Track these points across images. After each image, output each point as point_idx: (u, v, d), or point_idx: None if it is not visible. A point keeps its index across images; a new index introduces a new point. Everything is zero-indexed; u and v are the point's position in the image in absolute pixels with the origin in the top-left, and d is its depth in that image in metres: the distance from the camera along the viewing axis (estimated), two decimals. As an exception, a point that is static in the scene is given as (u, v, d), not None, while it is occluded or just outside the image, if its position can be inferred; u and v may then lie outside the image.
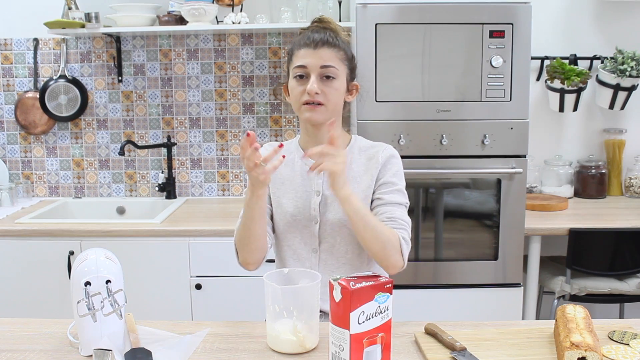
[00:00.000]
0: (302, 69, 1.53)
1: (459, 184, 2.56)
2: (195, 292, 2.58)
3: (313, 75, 1.52)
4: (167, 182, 3.12)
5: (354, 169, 1.61)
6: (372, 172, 1.60)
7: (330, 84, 1.53)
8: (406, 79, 2.45)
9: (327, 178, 1.49)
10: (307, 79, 1.53)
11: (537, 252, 2.61)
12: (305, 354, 1.29)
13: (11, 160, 3.21)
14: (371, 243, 1.47)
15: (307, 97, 1.52)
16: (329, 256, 1.60)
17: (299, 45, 1.56)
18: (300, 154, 1.65)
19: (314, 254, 1.61)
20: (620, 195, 3.13)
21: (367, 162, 1.61)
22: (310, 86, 1.51)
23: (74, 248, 2.57)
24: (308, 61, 1.52)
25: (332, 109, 1.55)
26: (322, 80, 1.52)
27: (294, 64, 1.55)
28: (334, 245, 1.59)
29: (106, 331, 1.26)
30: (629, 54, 2.87)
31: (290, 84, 1.57)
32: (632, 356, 1.24)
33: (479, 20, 2.40)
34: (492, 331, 1.39)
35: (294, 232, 1.61)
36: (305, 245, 1.61)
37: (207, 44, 3.08)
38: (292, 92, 1.57)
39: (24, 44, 3.10)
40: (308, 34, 1.57)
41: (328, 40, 1.53)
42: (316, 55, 1.52)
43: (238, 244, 1.57)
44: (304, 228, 1.60)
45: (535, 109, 3.09)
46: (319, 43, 1.52)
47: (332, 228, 1.58)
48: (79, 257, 1.30)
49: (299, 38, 1.58)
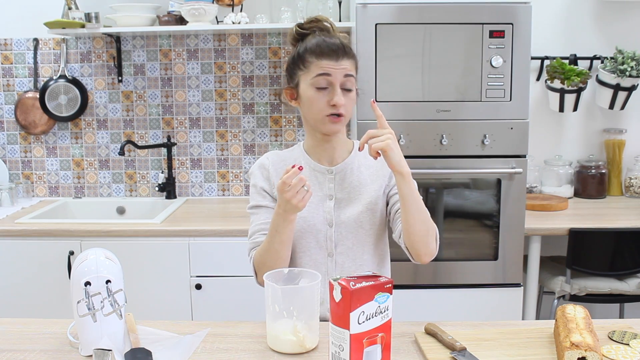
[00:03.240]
0: (325, 77, 1.50)
1: (459, 184, 2.56)
2: (195, 292, 2.58)
3: (337, 86, 1.50)
4: (167, 182, 3.12)
5: (363, 172, 1.61)
6: (383, 172, 1.61)
7: (348, 94, 1.52)
8: (406, 79, 2.45)
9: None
10: (329, 90, 1.50)
11: (537, 252, 2.61)
12: (305, 354, 1.29)
13: (11, 160, 3.21)
14: (419, 226, 1.47)
15: (334, 109, 1.50)
16: (345, 259, 1.59)
17: (317, 53, 1.51)
18: (306, 158, 1.63)
19: (330, 258, 1.59)
20: (620, 195, 3.13)
21: (375, 164, 1.60)
22: (338, 99, 1.49)
23: (74, 248, 2.57)
24: (332, 71, 1.49)
25: (348, 119, 1.57)
26: (342, 91, 1.51)
27: (315, 73, 1.50)
28: (350, 247, 1.58)
29: (106, 331, 1.26)
30: (629, 54, 2.87)
31: (309, 94, 1.52)
32: (632, 356, 1.24)
33: (479, 20, 2.40)
34: (492, 331, 1.39)
35: (308, 238, 1.59)
36: (321, 249, 1.59)
37: (207, 44, 3.08)
38: (313, 102, 1.52)
39: (24, 44, 3.10)
40: (324, 39, 1.52)
41: (345, 50, 1.52)
42: (339, 66, 1.50)
43: (260, 265, 1.53)
44: (318, 232, 1.59)
45: (535, 109, 3.09)
46: (339, 53, 1.50)
47: (348, 230, 1.58)
48: (79, 257, 1.30)
49: (313, 44, 1.52)
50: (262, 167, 1.65)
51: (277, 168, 1.62)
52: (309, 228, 1.58)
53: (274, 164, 1.63)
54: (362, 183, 1.60)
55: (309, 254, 1.60)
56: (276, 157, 1.66)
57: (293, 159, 1.64)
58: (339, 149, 1.62)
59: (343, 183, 1.60)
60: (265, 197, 1.62)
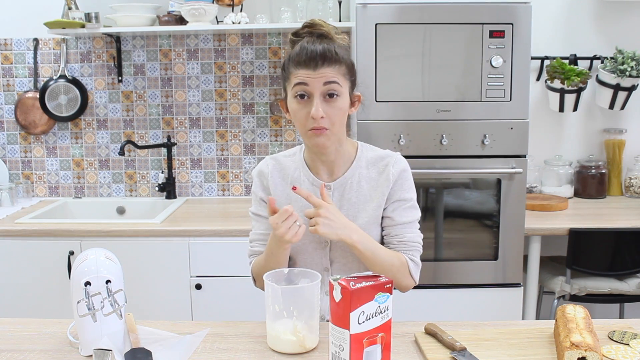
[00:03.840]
0: (302, 87, 1.42)
1: (459, 184, 2.56)
2: (195, 292, 2.58)
3: (316, 96, 1.41)
4: (167, 182, 3.12)
5: (364, 187, 1.54)
6: (382, 190, 1.53)
7: (334, 103, 1.42)
8: (406, 79, 2.45)
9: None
10: (309, 100, 1.42)
11: (537, 252, 2.61)
12: (305, 354, 1.29)
13: (11, 160, 3.21)
14: (382, 274, 1.43)
15: (312, 122, 1.42)
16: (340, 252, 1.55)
17: (296, 62, 1.43)
18: (305, 171, 1.57)
19: (326, 272, 1.56)
20: (620, 195, 3.13)
21: (377, 177, 1.54)
22: (315, 110, 1.40)
23: (74, 248, 2.57)
24: (309, 80, 1.41)
25: (337, 131, 1.46)
26: (325, 101, 1.42)
27: (293, 82, 1.43)
28: (345, 264, 1.55)
29: (106, 331, 1.26)
30: (629, 54, 2.87)
31: (292, 106, 1.46)
32: (632, 356, 1.24)
33: (479, 20, 2.40)
34: (492, 331, 1.39)
35: (303, 254, 1.56)
36: (317, 265, 1.56)
37: (207, 44, 3.08)
38: (295, 115, 1.46)
39: (24, 44, 3.10)
40: (304, 46, 1.43)
41: (327, 56, 1.40)
42: (317, 75, 1.40)
43: (258, 277, 1.56)
44: (314, 251, 1.55)
45: (535, 109, 3.09)
46: (318, 61, 1.40)
47: (343, 249, 1.52)
48: (79, 257, 1.30)
49: (294, 52, 1.44)
50: (261, 175, 1.60)
51: (275, 178, 1.58)
52: (304, 246, 1.55)
53: (272, 173, 1.58)
54: (360, 200, 1.54)
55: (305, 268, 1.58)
56: (276, 165, 1.60)
57: (292, 169, 1.58)
58: (338, 161, 1.54)
59: (341, 200, 1.54)
60: (264, 207, 1.59)
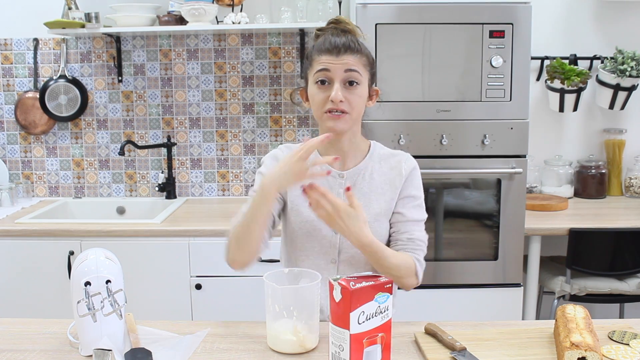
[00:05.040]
0: (324, 72, 1.47)
1: (459, 184, 2.56)
2: (195, 292, 2.58)
3: (337, 81, 1.46)
4: (167, 182, 3.12)
5: (376, 179, 1.58)
6: (395, 184, 1.57)
7: (353, 90, 1.47)
8: (406, 79, 2.45)
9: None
10: (329, 86, 1.47)
11: (537, 252, 2.61)
12: (305, 354, 1.29)
13: (11, 160, 3.21)
14: (388, 274, 1.43)
15: (331, 104, 1.46)
16: (348, 267, 1.56)
17: (319, 50, 1.49)
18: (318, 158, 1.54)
19: (333, 264, 1.57)
20: (620, 195, 3.13)
21: (389, 172, 1.58)
22: (334, 93, 1.45)
23: (74, 248, 2.57)
24: (331, 66, 1.46)
25: (355, 117, 1.50)
26: (345, 87, 1.47)
27: (315, 69, 1.49)
28: (353, 255, 1.55)
29: (106, 331, 1.26)
30: (629, 54, 2.87)
31: (311, 90, 1.52)
32: (632, 356, 1.24)
33: (479, 20, 2.40)
34: (492, 331, 1.39)
35: (312, 242, 1.57)
36: (324, 255, 1.57)
37: (207, 44, 3.08)
38: (314, 99, 1.50)
39: (24, 44, 3.10)
40: (328, 37, 1.50)
41: (350, 46, 1.47)
42: (339, 61, 1.46)
43: (232, 240, 1.50)
44: (323, 238, 1.56)
45: (535, 109, 3.09)
46: (341, 49, 1.46)
47: None
48: (79, 257, 1.30)
49: (319, 42, 1.51)
50: (274, 158, 1.62)
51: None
52: (314, 232, 1.56)
53: None
54: (372, 191, 1.57)
55: (312, 259, 1.57)
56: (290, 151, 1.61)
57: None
58: (352, 152, 1.58)
59: (353, 189, 1.54)
60: None
